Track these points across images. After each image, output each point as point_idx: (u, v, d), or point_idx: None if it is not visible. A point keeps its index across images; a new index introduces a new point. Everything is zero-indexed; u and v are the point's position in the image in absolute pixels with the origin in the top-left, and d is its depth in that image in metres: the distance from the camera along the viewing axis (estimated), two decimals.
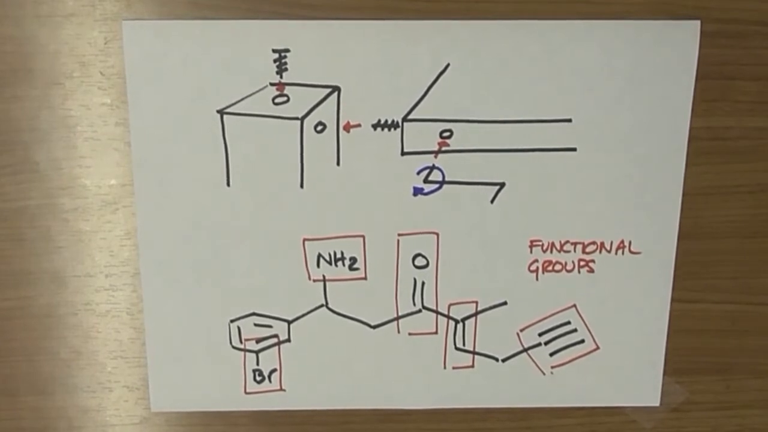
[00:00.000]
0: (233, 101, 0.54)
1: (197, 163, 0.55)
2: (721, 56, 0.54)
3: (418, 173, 0.56)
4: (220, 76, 0.53)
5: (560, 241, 0.58)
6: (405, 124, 0.55)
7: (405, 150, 0.55)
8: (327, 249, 0.57)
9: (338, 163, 0.56)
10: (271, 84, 0.54)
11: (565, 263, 0.58)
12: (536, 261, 0.58)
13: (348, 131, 0.55)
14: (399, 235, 0.57)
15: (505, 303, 0.59)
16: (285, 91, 0.54)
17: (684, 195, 0.57)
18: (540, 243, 0.58)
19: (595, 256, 0.58)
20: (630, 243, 0.58)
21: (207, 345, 0.59)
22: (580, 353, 0.60)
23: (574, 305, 0.59)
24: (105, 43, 0.53)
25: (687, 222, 0.58)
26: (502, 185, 0.56)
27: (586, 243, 0.58)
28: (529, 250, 0.58)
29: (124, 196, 0.57)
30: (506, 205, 0.57)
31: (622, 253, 0.58)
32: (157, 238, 0.57)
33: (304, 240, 0.57)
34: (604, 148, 0.56)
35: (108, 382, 0.61)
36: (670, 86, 0.55)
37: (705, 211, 0.58)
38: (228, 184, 0.56)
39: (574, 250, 0.58)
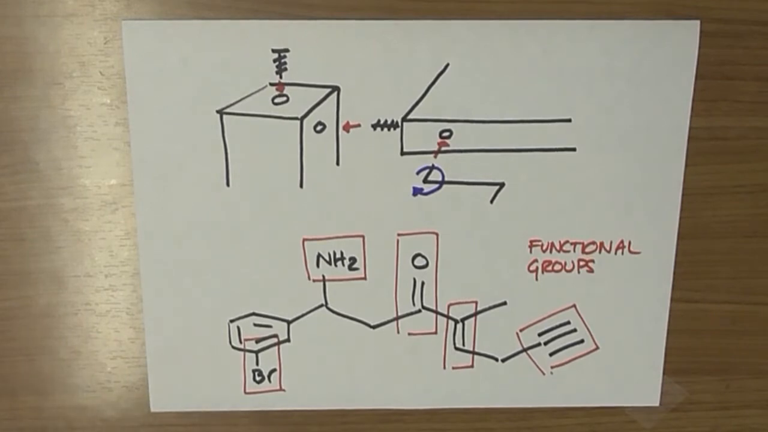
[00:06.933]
0: (233, 101, 0.54)
1: (197, 163, 0.55)
2: (720, 56, 0.54)
3: (418, 173, 0.56)
4: (220, 76, 0.53)
5: (560, 241, 0.58)
6: (404, 124, 0.55)
7: (405, 150, 0.55)
8: (327, 249, 0.57)
9: (338, 163, 0.56)
10: (271, 84, 0.54)
11: (565, 263, 0.58)
12: (536, 261, 0.58)
13: (348, 131, 0.55)
14: (399, 235, 0.57)
15: (504, 303, 0.59)
16: (284, 91, 0.54)
17: (684, 195, 0.57)
18: (540, 243, 0.58)
19: (595, 256, 0.58)
20: (630, 243, 0.58)
21: (206, 345, 0.59)
22: (580, 353, 0.60)
23: (574, 305, 0.59)
24: (105, 43, 0.53)
25: (687, 222, 0.58)
26: (501, 185, 0.56)
27: (585, 243, 0.58)
28: (528, 250, 0.58)
29: (123, 196, 0.57)
30: (506, 205, 0.57)
31: (622, 253, 0.58)
32: (156, 238, 0.57)
33: (304, 240, 0.57)
34: (604, 148, 0.56)
35: (108, 382, 0.61)
36: (669, 86, 0.55)
37: (705, 211, 0.58)
38: (228, 184, 0.56)
39: (574, 250, 0.58)
